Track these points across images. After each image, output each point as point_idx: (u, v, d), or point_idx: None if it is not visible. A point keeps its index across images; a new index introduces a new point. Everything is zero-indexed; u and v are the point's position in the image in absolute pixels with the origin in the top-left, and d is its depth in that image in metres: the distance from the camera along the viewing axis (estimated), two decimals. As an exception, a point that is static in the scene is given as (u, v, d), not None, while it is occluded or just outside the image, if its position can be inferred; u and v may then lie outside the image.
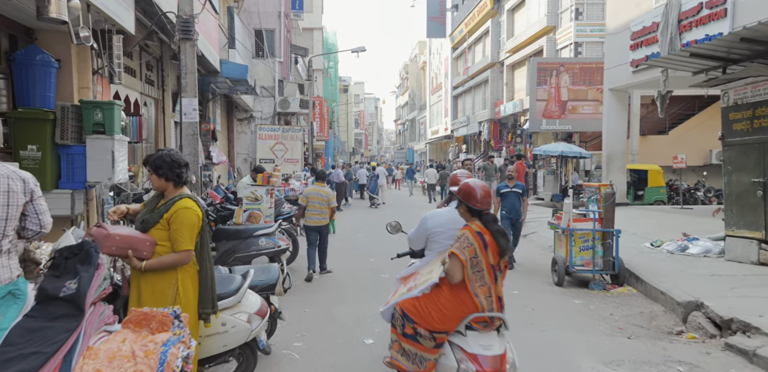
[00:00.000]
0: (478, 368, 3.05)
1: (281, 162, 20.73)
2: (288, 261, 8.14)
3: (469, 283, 3.19)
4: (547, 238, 11.27)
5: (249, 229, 6.57)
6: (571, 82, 20.64)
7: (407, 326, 3.29)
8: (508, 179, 8.93)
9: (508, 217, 8.69)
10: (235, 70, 13.13)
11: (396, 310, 3.41)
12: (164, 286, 3.14)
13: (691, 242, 8.18)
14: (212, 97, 15.72)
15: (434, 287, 3.31)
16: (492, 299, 3.22)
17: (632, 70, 12.16)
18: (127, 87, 9.60)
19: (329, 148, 42.76)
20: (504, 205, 8.73)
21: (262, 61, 21.96)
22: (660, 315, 5.79)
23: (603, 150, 13.69)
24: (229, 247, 6.49)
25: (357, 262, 8.94)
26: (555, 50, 23.47)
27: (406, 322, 3.30)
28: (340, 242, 11.27)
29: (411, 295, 3.39)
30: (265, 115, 22.33)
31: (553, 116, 20.87)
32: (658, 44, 10.88)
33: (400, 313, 3.36)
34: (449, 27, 41.83)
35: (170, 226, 3.15)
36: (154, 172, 3.26)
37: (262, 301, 3.88)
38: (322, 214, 7.80)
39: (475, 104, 37.08)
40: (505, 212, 8.71)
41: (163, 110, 11.54)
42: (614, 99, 13.29)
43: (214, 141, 15.73)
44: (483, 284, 3.21)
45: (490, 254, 3.25)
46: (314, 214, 7.81)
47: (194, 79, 7.06)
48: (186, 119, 6.90)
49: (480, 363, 3.06)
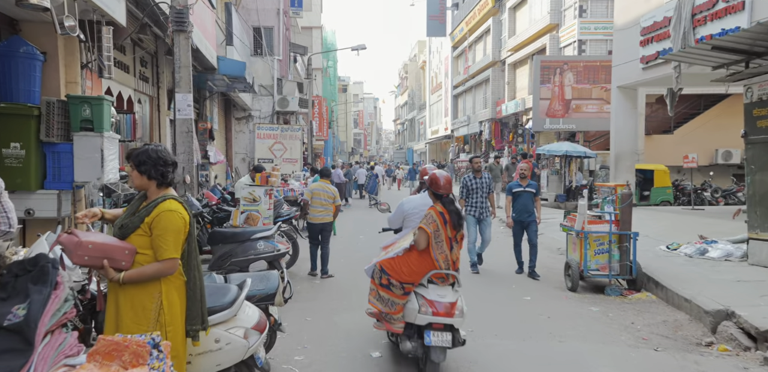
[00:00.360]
0: (433, 310, 4.11)
1: (280, 162, 20.38)
2: (288, 265, 7.76)
3: (432, 250, 4.26)
4: (555, 240, 10.89)
5: (246, 231, 6.19)
6: (575, 81, 20.28)
7: (384, 278, 4.37)
8: (521, 178, 8.30)
9: (519, 221, 8.10)
10: (233, 67, 12.75)
11: (376, 267, 4.51)
12: (146, 300, 2.75)
13: (710, 245, 7.82)
14: (209, 95, 15.35)
15: (406, 251, 4.39)
16: (448, 262, 4.29)
17: (642, 66, 11.79)
18: (120, 83, 9.23)
19: (328, 148, 42.37)
20: (515, 206, 8.15)
21: (260, 59, 21.59)
22: (685, 324, 5.41)
23: (611, 149, 13.33)
24: (226, 251, 6.11)
25: (360, 266, 8.52)
26: (558, 48, 23.12)
27: (383, 275, 4.37)
28: (342, 244, 10.89)
29: (388, 257, 4.49)
30: (264, 114, 21.96)
31: (557, 115, 20.51)
32: (671, 39, 10.51)
33: (379, 268, 4.44)
34: (449, 26, 41.48)
35: (152, 232, 2.76)
36: (136, 168, 2.88)
37: (260, 313, 3.50)
38: (327, 210, 7.81)
39: (475, 104, 36.72)
40: (515, 214, 8.13)
41: (158, 108, 11.19)
42: (622, 97, 12.91)
43: (211, 140, 15.35)
44: (442, 252, 4.27)
45: (449, 229, 4.32)
46: (318, 210, 7.79)
47: (188, 74, 6.68)
48: (180, 116, 6.53)
49: (435, 307, 4.12)
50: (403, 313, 4.27)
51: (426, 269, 4.25)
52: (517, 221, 8.13)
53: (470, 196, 8.25)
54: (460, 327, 4.20)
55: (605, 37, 21.36)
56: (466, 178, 8.42)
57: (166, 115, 11.24)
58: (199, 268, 2.96)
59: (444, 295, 4.19)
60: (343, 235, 12.24)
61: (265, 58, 21.56)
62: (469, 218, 8.08)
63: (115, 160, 6.51)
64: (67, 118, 5.99)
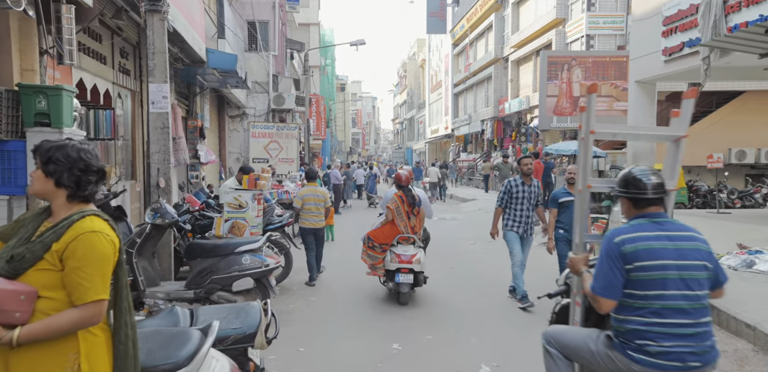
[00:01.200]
0: (399, 260, 6.23)
1: (275, 161, 19.52)
2: (279, 278, 6.90)
3: (396, 221, 6.48)
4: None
5: (230, 244, 5.32)
6: (584, 77, 19.43)
7: (370, 242, 6.53)
8: (568, 184, 6.13)
9: (566, 239, 6.02)
10: (224, 60, 11.86)
11: (366, 235, 6.64)
12: (55, 367, 1.87)
13: (755, 255, 6.95)
14: (200, 92, 14.46)
15: (382, 224, 6.63)
16: (407, 228, 6.46)
17: (664, 59, 10.91)
18: (96, 75, 8.34)
19: (326, 148, 41.49)
20: (562, 219, 6.17)
21: (255, 54, 20.71)
22: (750, 356, 4.55)
23: (628, 148, 12.47)
24: (205, 267, 5.23)
25: (362, 280, 7.68)
26: (564, 44, 22.27)
27: (369, 240, 6.54)
28: (341, 252, 10.02)
29: (372, 229, 6.76)
30: (259, 111, 21.09)
31: (564, 113, 19.66)
32: (698, 29, 9.64)
33: (367, 237, 6.60)
34: (450, 23, 40.61)
35: (66, 264, 1.88)
36: (41, 167, 2.00)
37: (232, 366, 2.63)
38: (320, 215, 7.45)
39: (477, 102, 35.87)
40: (562, 231, 6.16)
41: (141, 104, 10.31)
42: (641, 92, 12.04)
43: (202, 139, 14.46)
44: (402, 221, 6.47)
45: (406, 205, 6.49)
46: (311, 215, 7.40)
47: (164, 61, 5.81)
48: (154, 109, 5.66)
49: (401, 258, 6.24)
50: (383, 264, 6.45)
51: (394, 234, 6.49)
52: (565, 240, 6.08)
53: (512, 206, 6.34)
54: (422, 271, 6.38)
55: (614, 32, 20.54)
56: (511, 183, 6.41)
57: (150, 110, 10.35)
58: (131, 312, 2.06)
59: (407, 250, 6.39)
60: (341, 240, 11.37)
61: (260, 53, 20.68)
62: (509, 234, 6.36)
63: (79, 161, 5.61)
64: (19, 111, 5.12)
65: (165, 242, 5.73)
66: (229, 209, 6.04)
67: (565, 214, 6.11)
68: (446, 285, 7.24)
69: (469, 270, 8.40)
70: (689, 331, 2.43)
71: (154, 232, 5.22)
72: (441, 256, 9.27)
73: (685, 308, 2.45)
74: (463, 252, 10.08)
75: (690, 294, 2.47)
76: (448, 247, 10.57)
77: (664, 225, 2.61)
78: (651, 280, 2.47)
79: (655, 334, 2.43)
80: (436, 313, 5.95)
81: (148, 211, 5.24)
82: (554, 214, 6.22)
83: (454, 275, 7.98)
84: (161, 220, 5.15)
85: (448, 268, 8.46)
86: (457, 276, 7.92)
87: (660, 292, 2.46)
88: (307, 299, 6.39)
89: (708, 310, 2.50)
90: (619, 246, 2.53)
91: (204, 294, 5.18)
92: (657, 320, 2.44)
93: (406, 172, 6.80)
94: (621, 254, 2.51)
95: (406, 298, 6.21)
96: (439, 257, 9.05)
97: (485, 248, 10.43)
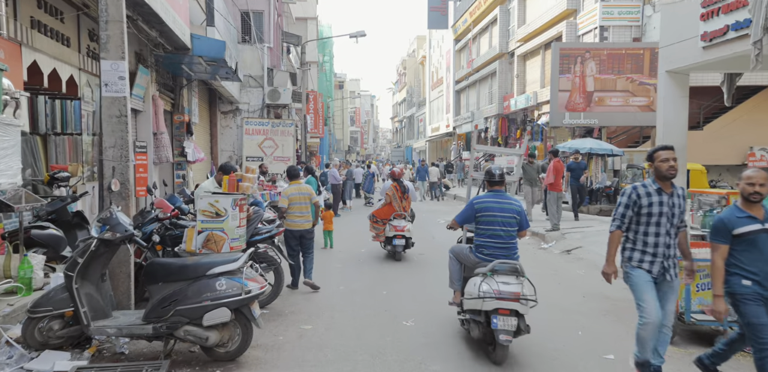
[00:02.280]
0: (395, 230, 8.88)
1: (270, 160, 18.38)
2: (266, 300, 5.74)
3: (393, 203, 9.25)
4: (600, 256, 8.88)
5: (201, 264, 4.15)
6: (598, 71, 18.28)
7: (374, 218, 9.34)
8: (748, 201, 3.81)
9: (760, 297, 3.75)
10: (210, 47, 10.67)
11: (371, 214, 9.48)
12: None
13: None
14: (187, 84, 13.27)
15: (383, 205, 9.44)
16: (401, 208, 9.22)
17: (703, 45, 9.70)
18: (56, 58, 7.17)
19: (324, 146, 40.33)
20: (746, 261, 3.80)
21: (249, 46, 19.54)
22: None
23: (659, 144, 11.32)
24: (169, 294, 4.06)
25: (364, 298, 6.53)
26: (576, 36, 21.11)
27: (373, 217, 9.37)
28: (341, 262, 8.87)
29: (375, 209, 9.70)
30: (253, 107, 19.92)
31: (578, 109, 18.50)
32: (748, 8, 8.46)
33: (373, 214, 9.43)
34: (452, 17, 39.39)
35: None
36: None
37: None
38: (306, 215, 6.97)
39: (480, 99, 34.71)
40: (749, 283, 3.78)
41: (115, 94, 9.13)
42: (673, 83, 10.84)
43: (189, 135, 13.28)
44: (398, 204, 9.24)
45: (399, 192, 9.31)
46: (296, 216, 6.90)
47: (121, 32, 4.64)
48: (108, 93, 4.49)
49: (396, 229, 8.89)
50: (384, 233, 9.10)
51: (391, 212, 9.14)
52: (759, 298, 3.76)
53: (641, 227, 4.08)
54: (410, 237, 9.00)
55: (630, 23, 19.39)
56: (639, 191, 4.08)
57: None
58: None
59: (400, 223, 8.98)
60: (340, 247, 10.22)
61: (254, 45, 19.50)
62: (636, 275, 4.08)
63: (13, 157, 4.46)
64: (-75, 92, 3.96)
65: (122, 260, 4.56)
66: (203, 218, 4.85)
67: (748, 252, 3.77)
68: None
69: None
70: (502, 245, 4.86)
71: (102, 250, 4.06)
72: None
73: (502, 235, 4.86)
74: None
75: (505, 229, 4.86)
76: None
77: (498, 195, 5.03)
78: (487, 220, 4.88)
79: (486, 246, 4.88)
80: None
81: (94, 222, 4.07)
82: (724, 252, 3.84)
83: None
84: (111, 235, 3.99)
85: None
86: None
87: (490, 227, 4.87)
88: (300, 328, 5.20)
89: (515, 238, 4.94)
90: (473, 203, 4.99)
91: (166, 329, 4.02)
92: (488, 240, 4.88)
93: (398, 169, 10.04)
94: (474, 207, 4.95)
95: (400, 256, 9.12)
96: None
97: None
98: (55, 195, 6.53)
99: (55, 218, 6.01)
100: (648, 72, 18.08)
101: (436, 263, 8.29)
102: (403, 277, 7.84)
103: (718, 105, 20.77)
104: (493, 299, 4.40)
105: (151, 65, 10.36)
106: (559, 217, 11.33)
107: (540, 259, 9.27)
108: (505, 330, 4.31)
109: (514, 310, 4.40)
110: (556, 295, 6.73)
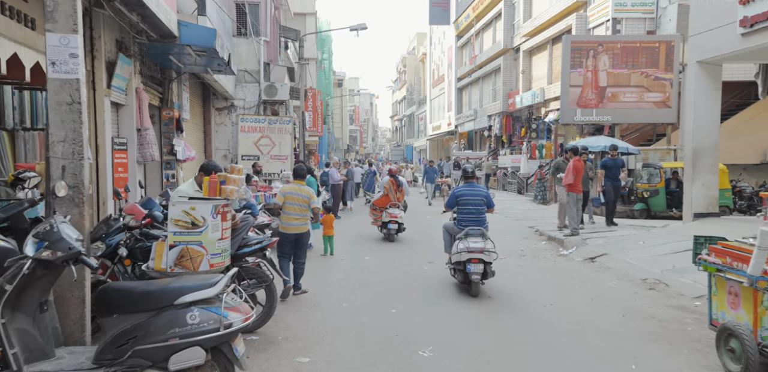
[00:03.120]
0: (390, 216, 10.89)
1: (267, 159, 17.51)
2: (257, 323, 4.84)
3: (389, 194, 11.26)
4: (637, 268, 8.00)
5: (168, 290, 3.25)
6: (611, 65, 17.37)
7: (374, 206, 11.51)
8: None
9: None
10: (199, 35, 9.74)
11: (372, 203, 11.86)
12: None
13: None
14: (176, 77, 12.34)
15: (381, 196, 11.61)
16: (395, 199, 11.22)
17: (742, 31, 8.83)
18: (17, 41, 6.25)
19: (323, 145, 39.41)
20: None
21: (244, 40, 18.61)
22: None
23: (686, 143, 10.42)
24: (127, 330, 3.16)
25: (371, 318, 5.63)
26: (586, 30, 20.21)
27: (373, 206, 11.59)
28: (343, 272, 7.97)
29: (375, 198, 12.03)
30: (249, 103, 19.02)
31: (590, 105, 17.59)
32: (799, -11, 7.58)
33: (373, 203, 11.71)
34: (454, 13, 38.47)
35: None
36: None
37: None
38: (303, 218, 6.61)
39: (483, 96, 33.82)
40: None
41: (93, 86, 8.29)
42: (703, 75, 9.96)
43: (179, 132, 12.34)
44: (393, 195, 11.26)
45: (395, 186, 11.38)
46: (292, 218, 6.55)
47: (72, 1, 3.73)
48: (56, 74, 3.59)
49: (391, 214, 10.91)
50: (381, 219, 11.06)
51: (387, 202, 11.12)
52: None
53: None
54: (402, 222, 10.98)
55: (644, 15, 18.50)
56: None
57: (104, 95, 8.33)
58: None
59: (395, 211, 10.93)
60: (341, 254, 9.33)
61: (250, 38, 18.58)
62: None
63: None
64: None
65: (77, 282, 3.66)
66: (176, 229, 3.95)
67: None
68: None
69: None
70: (474, 219, 7.00)
71: (40, 273, 3.16)
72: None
73: (474, 212, 7.03)
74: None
75: (476, 207, 7.03)
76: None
77: (471, 185, 7.28)
78: (463, 202, 7.07)
79: (464, 220, 7.05)
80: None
81: (29, 238, 3.17)
82: None
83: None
84: (50, 254, 3.09)
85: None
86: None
87: (466, 207, 7.06)
88: (295, 362, 4.30)
89: (484, 214, 7.09)
90: (455, 193, 7.23)
91: (120, 375, 3.10)
92: (465, 215, 7.06)
93: (395, 167, 12.94)
94: (455, 195, 7.19)
95: (393, 237, 10.93)
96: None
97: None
98: (18, 198, 5.64)
99: (9, 226, 5.09)
100: (664, 66, 17.20)
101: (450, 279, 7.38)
102: (412, 290, 6.95)
103: (735, 101, 19.91)
104: (466, 253, 6.50)
105: (134, 55, 9.45)
106: (578, 221, 10.43)
107: (562, 269, 8.37)
108: (475, 272, 6.40)
109: (481, 259, 6.46)
110: (591, 314, 5.84)
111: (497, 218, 15.12)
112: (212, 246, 3.99)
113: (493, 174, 27.20)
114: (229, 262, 4.27)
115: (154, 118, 11.97)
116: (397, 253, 9.72)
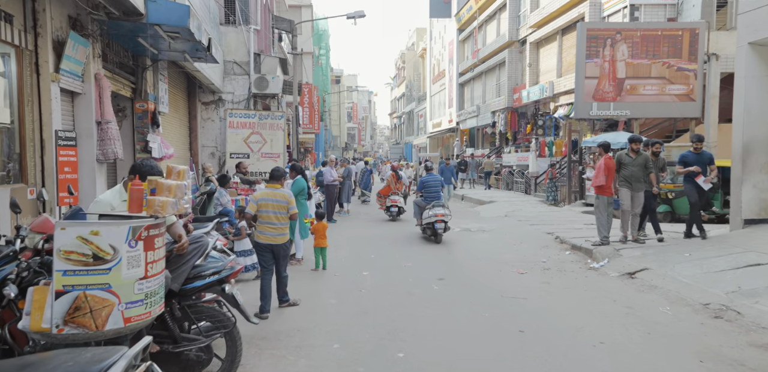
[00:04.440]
0: (392, 201, 14.37)
1: (258, 157, 16.09)
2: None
3: (390, 184, 14.85)
4: (691, 287, 6.62)
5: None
6: (630, 55, 15.98)
7: (379, 194, 15.11)
8: None
9: None
10: (170, 13, 8.31)
11: (378, 193, 15.38)
12: None
13: None
14: (151, 64, 10.92)
15: (384, 186, 15.32)
16: (396, 188, 14.77)
17: (810, 5, 7.40)
18: None
19: (320, 142, 38.00)
20: None
21: (233, 28, 17.17)
22: None
23: (735, 137, 9.04)
24: None
25: (370, 367, 4.26)
26: (600, 18, 18.85)
27: (378, 194, 15.26)
28: (336, 295, 6.58)
29: (379, 188, 15.78)
30: (238, 97, 17.56)
31: (606, 98, 16.20)
32: None
33: (378, 193, 15.27)
34: (455, 6, 37.02)
35: None
36: None
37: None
38: (281, 227, 5.90)
39: (486, 92, 32.42)
40: None
41: (36, 68, 6.97)
42: (756, 58, 8.58)
43: (155, 127, 10.93)
44: (394, 186, 14.76)
45: (395, 178, 14.89)
46: (268, 227, 5.87)
47: None
48: None
49: (393, 200, 14.40)
50: (385, 204, 14.48)
51: (389, 190, 14.66)
52: None
53: None
54: (402, 206, 14.47)
55: (665, 1, 17.13)
56: None
57: (51, 79, 6.98)
58: None
59: (396, 198, 14.38)
60: (336, 268, 7.94)
61: (239, 27, 17.15)
62: None
63: None
64: None
65: None
66: (67, 266, 2.53)
67: None
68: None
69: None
70: (435, 196, 11.30)
71: None
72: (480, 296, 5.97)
73: (435, 192, 11.44)
74: (516, 290, 6.66)
75: (435, 188, 11.51)
76: (489, 279, 7.19)
77: (431, 175, 12.03)
78: (427, 186, 11.58)
79: (428, 197, 11.30)
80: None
81: None
82: None
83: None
84: None
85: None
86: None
87: (429, 188, 11.51)
88: None
89: (440, 191, 11.61)
90: (422, 181, 11.88)
91: None
92: (428, 194, 11.38)
93: (397, 163, 19.19)
94: (422, 182, 11.82)
95: (395, 218, 14.33)
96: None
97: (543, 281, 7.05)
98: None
99: None
100: (687, 56, 15.80)
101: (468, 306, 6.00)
102: (423, 320, 5.58)
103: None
104: (434, 217, 10.37)
105: (92, 34, 8.04)
106: (609, 228, 9.03)
107: (597, 287, 6.98)
108: (440, 228, 10.34)
109: (442, 220, 10.34)
110: (655, 359, 4.47)
111: (511, 222, 13.77)
112: (128, 290, 2.59)
113: (496, 172, 25.85)
114: (159, 310, 2.87)
115: (126, 110, 10.57)
116: (400, 267, 8.35)
